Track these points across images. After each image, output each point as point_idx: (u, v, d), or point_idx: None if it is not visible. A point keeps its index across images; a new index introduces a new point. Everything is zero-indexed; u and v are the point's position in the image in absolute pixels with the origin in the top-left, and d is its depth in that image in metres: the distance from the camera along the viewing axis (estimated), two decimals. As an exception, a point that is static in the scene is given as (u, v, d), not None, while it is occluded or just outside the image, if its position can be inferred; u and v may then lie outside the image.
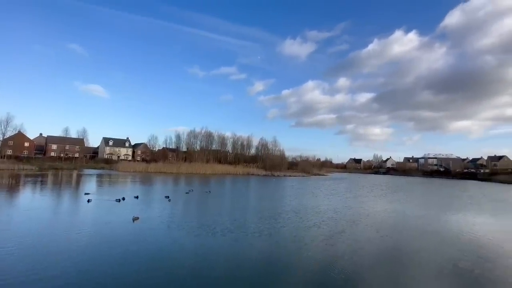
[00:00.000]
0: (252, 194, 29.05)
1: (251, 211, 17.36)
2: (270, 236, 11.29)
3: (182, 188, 30.43)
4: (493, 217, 19.17)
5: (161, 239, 10.24)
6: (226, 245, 9.90)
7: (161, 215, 14.34)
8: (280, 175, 66.90)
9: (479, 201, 29.15)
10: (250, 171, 68.68)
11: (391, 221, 15.55)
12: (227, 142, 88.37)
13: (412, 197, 31.02)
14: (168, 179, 41.07)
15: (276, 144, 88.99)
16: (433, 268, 8.30)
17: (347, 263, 8.46)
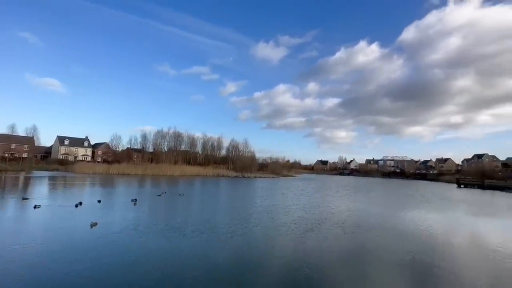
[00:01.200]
0: (224, 196, 28.73)
1: (223, 212, 17.15)
2: (242, 236, 11.27)
3: (150, 191, 28.95)
4: (441, 213, 21.44)
5: (125, 243, 9.58)
6: (197, 246, 9.65)
7: (126, 219, 13.42)
8: (250, 176, 67.20)
9: (429, 199, 32.41)
10: (221, 172, 67.89)
11: (355, 219, 16.50)
12: (197, 142, 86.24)
13: (373, 197, 33.37)
14: (133, 181, 38.74)
15: (247, 145, 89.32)
16: (393, 261, 9.05)
17: (317, 260, 8.80)
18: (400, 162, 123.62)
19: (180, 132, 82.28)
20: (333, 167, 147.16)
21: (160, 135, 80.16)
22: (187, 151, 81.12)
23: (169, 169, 58.71)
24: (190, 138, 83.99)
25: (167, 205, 19.26)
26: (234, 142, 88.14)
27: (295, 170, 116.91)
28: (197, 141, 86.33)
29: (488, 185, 53.51)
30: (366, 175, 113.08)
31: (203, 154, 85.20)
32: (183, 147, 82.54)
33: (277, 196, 28.13)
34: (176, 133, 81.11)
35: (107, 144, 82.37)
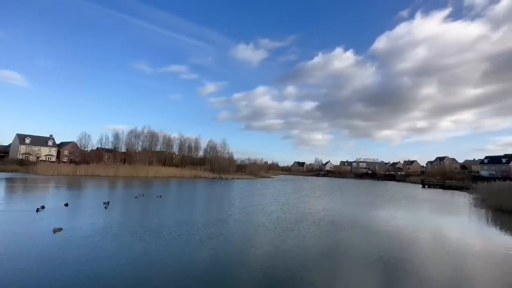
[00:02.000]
0: (203, 197, 28.17)
1: (202, 214, 16.81)
2: (221, 237, 11.13)
3: (123, 193, 27.54)
4: (408, 211, 22.95)
5: (94, 249, 8.96)
6: (175, 248, 9.35)
7: (96, 224, 12.60)
8: (228, 177, 66.68)
9: (397, 198, 34.52)
10: (198, 173, 66.58)
11: (331, 218, 17.05)
12: (173, 143, 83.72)
13: (347, 197, 34.77)
14: (104, 183, 36.61)
15: (225, 146, 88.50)
16: (366, 257, 9.50)
17: (295, 258, 8.95)
18: (371, 164, 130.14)
19: (155, 132, 79.43)
20: (310, 169, 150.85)
21: (134, 134, 76.66)
22: (162, 151, 78.46)
23: (143, 170, 56.32)
24: (166, 138, 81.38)
25: (144, 207, 18.44)
26: (212, 143, 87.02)
27: (273, 171, 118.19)
28: (174, 141, 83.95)
29: (448, 185, 58.22)
30: (341, 176, 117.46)
31: (180, 155, 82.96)
32: (159, 148, 79.76)
33: (255, 197, 28.20)
34: (151, 132, 78.16)
35: (75, 143, 77.05)
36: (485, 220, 19.86)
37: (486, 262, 9.61)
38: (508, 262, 9.79)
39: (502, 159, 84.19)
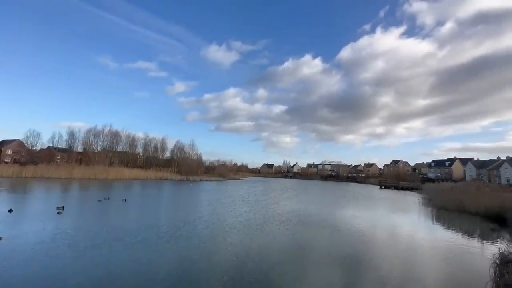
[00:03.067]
0: (170, 200, 27.06)
1: (170, 217, 16.19)
2: (189, 239, 10.89)
3: (79, 196, 25.25)
4: (367, 210, 24.71)
5: (43, 259, 8.14)
6: (140, 254, 8.90)
7: (45, 231, 11.42)
8: (196, 179, 65.06)
9: (358, 198, 36.98)
10: (164, 175, 63.84)
11: (299, 218, 17.65)
12: (137, 143, 79.26)
13: (313, 197, 36.22)
14: (55, 186, 33.17)
15: (193, 148, 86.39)
16: (331, 254, 10.11)
17: (263, 258, 9.15)
18: (336, 167, 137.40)
19: (117, 131, 74.45)
20: (278, 171, 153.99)
21: (92, 133, 70.88)
22: (125, 152, 73.79)
23: (102, 172, 52.25)
24: (129, 138, 76.75)
25: (106, 212, 17.17)
26: (179, 143, 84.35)
27: (242, 173, 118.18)
28: (138, 141, 79.53)
29: (401, 186, 63.88)
30: (307, 178, 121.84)
31: (145, 156, 78.81)
32: (121, 148, 74.89)
33: (224, 199, 27.96)
34: (112, 131, 73.09)
35: (20, 141, 68.69)
36: (431, 217, 22.24)
37: (431, 253, 10.90)
38: (448, 253, 11.14)
39: (446, 162, 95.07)
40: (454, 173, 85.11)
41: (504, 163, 66.20)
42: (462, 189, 31.09)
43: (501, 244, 12.47)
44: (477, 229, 17.20)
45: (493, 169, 69.71)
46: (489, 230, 16.45)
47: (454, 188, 33.09)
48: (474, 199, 23.76)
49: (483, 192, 26.23)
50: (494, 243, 13.04)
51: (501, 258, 8.15)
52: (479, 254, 11.12)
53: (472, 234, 15.54)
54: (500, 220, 18.53)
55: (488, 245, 12.84)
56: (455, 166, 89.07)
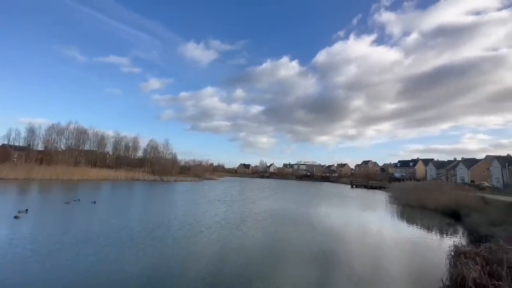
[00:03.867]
0: (143, 201, 25.88)
1: (143, 218, 15.47)
2: (164, 240, 10.53)
3: (40, 199, 23.19)
4: (339, 208, 25.78)
5: None
6: (112, 257, 8.39)
7: (2, 236, 10.35)
8: (170, 180, 63.07)
9: (331, 197, 38.41)
10: (135, 175, 60.96)
11: (275, 218, 17.88)
12: (107, 142, 74.85)
13: (289, 196, 36.91)
14: (12, 188, 30.18)
15: (168, 147, 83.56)
16: (306, 250, 10.39)
17: (240, 256, 9.15)
18: (310, 167, 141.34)
19: (84, 128, 69.61)
20: (255, 171, 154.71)
21: (55, 130, 65.44)
22: (93, 151, 69.35)
23: (66, 172, 48.57)
24: (97, 136, 72.20)
25: (73, 215, 15.99)
26: (153, 142, 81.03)
27: (219, 173, 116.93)
28: (107, 140, 75.11)
29: (371, 186, 67.47)
30: (283, 178, 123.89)
31: (115, 155, 74.73)
32: (88, 147, 70.23)
33: (200, 199, 27.44)
34: (79, 129, 68.17)
35: (-31, 138, 61.59)
36: (396, 214, 23.77)
37: (396, 247, 11.71)
38: (411, 247, 12.03)
39: (410, 163, 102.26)
40: (417, 172, 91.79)
41: (459, 164, 72.83)
42: (423, 187, 33.61)
43: (455, 238, 13.71)
44: (435, 224, 18.70)
45: (450, 169, 76.37)
46: (446, 225, 17.99)
47: (416, 187, 35.67)
48: (433, 197, 25.81)
49: (441, 191, 28.59)
50: (450, 237, 14.28)
51: (455, 250, 8.95)
52: (438, 247, 12.09)
53: (432, 229, 16.88)
54: (455, 215, 20.34)
55: (445, 239, 14.03)
56: (418, 166, 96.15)
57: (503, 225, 12.99)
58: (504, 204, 20.54)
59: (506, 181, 53.19)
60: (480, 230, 13.03)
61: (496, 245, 8.51)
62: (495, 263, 7.09)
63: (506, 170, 54.13)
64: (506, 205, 19.89)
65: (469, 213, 18.53)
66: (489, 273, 6.64)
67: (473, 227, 14.51)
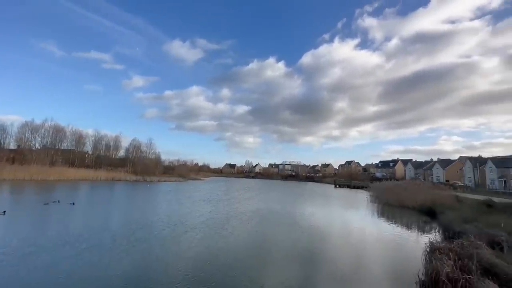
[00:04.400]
0: (126, 202, 25.02)
1: (127, 220, 14.99)
2: (148, 241, 10.26)
3: (15, 200, 21.84)
4: (323, 207, 26.31)
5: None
6: (96, 260, 8.05)
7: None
8: (154, 180, 61.55)
9: (315, 197, 39.13)
10: (117, 176, 58.93)
11: (260, 218, 17.92)
12: (86, 140, 71.84)
13: (274, 196, 37.16)
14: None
15: (151, 146, 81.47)
16: (291, 249, 10.51)
17: (225, 256, 9.10)
18: (295, 167, 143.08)
19: (61, 126, 66.38)
20: (240, 171, 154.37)
21: (29, 128, 61.87)
22: (71, 150, 66.31)
23: (41, 172, 46.09)
24: (76, 135, 69.10)
25: (52, 216, 15.22)
26: (136, 142, 78.71)
27: (204, 173, 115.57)
28: (87, 138, 72.10)
29: (353, 185, 69.38)
30: (269, 178, 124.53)
31: (94, 154, 71.87)
32: (65, 145, 67.07)
33: (184, 200, 26.99)
34: (55, 127, 64.86)
35: None
36: (377, 212, 24.59)
37: (377, 244, 12.14)
38: (390, 244, 12.53)
39: (390, 163, 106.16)
40: (397, 172, 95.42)
41: (436, 164, 76.54)
42: (402, 187, 34.99)
43: (431, 235, 14.40)
44: (413, 222, 19.53)
45: (427, 169, 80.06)
46: (423, 223, 18.83)
47: (396, 186, 37.07)
48: (412, 196, 26.95)
49: (419, 190, 29.90)
50: (426, 234, 14.97)
51: (431, 246, 9.39)
52: (415, 244, 12.64)
53: (410, 227, 17.62)
54: (431, 213, 21.35)
55: (422, 236, 14.69)
56: (398, 166, 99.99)
57: (474, 222, 13.79)
58: (475, 202, 21.81)
59: (477, 180, 56.57)
60: (454, 227, 13.76)
61: (467, 241, 9.01)
62: (466, 258, 7.51)
63: (477, 170, 57.55)
64: (477, 203, 21.14)
65: (444, 211, 19.51)
66: (460, 268, 7.02)
67: (447, 224, 15.29)
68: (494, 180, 53.55)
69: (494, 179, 53.71)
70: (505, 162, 53.35)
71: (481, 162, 58.92)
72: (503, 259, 7.75)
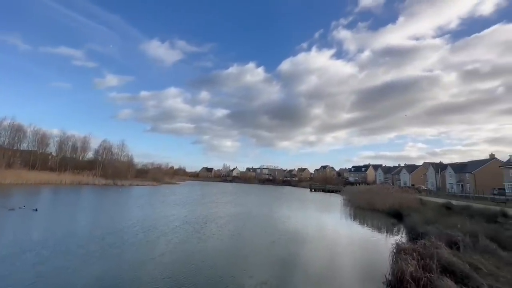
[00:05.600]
0: (95, 207, 23.31)
1: (95, 226, 13.97)
2: (119, 249, 9.62)
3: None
4: (299, 210, 26.79)
5: None
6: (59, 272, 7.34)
7: None
8: (125, 184, 58.57)
9: (292, 200, 39.70)
10: (84, 179, 55.20)
11: (237, 221, 17.76)
12: (49, 141, 66.62)
13: (251, 200, 37.13)
14: None
15: (124, 148, 77.62)
16: (266, 252, 10.52)
17: (201, 260, 8.82)
18: (273, 171, 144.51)
19: (21, 125, 60.99)
20: (218, 174, 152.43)
21: (-17, 126, 56.16)
22: (32, 151, 61.09)
23: (-4, 175, 41.81)
24: (38, 135, 63.87)
25: (12, 224, 13.69)
26: (106, 143, 74.33)
27: (179, 177, 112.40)
28: (51, 139, 66.95)
29: (328, 189, 71.59)
30: (246, 182, 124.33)
31: (59, 156, 66.83)
32: (26, 146, 61.74)
33: (157, 205, 25.96)
34: (14, 126, 59.42)
35: None
36: (349, 215, 25.57)
37: (348, 246, 12.60)
38: (361, 245, 13.06)
39: (362, 168, 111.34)
40: (368, 177, 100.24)
41: (403, 169, 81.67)
42: (373, 191, 36.78)
43: (398, 236, 15.26)
44: (382, 224, 20.57)
45: (395, 174, 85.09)
46: (391, 225, 19.90)
47: (367, 190, 38.86)
48: (381, 199, 28.40)
49: (387, 194, 31.62)
50: (394, 236, 15.83)
51: (397, 247, 9.93)
52: (384, 245, 13.28)
53: (379, 229, 18.53)
54: (398, 216, 22.65)
55: (390, 237, 15.50)
56: (369, 171, 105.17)
57: (435, 223, 14.86)
58: (436, 205, 23.56)
59: (438, 185, 61.20)
60: (418, 229, 14.72)
61: (429, 241, 9.67)
62: (428, 257, 8.04)
63: (438, 175, 62.30)
64: (438, 206, 22.85)
65: (409, 213, 20.80)
66: (423, 267, 7.50)
67: (412, 226, 16.31)
68: (453, 185, 58.30)
69: (453, 183, 58.48)
70: (462, 168, 58.40)
71: (442, 168, 63.94)
72: (459, 257, 8.41)
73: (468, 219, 15.24)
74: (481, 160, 55.69)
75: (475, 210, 18.37)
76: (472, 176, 52.15)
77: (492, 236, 11.01)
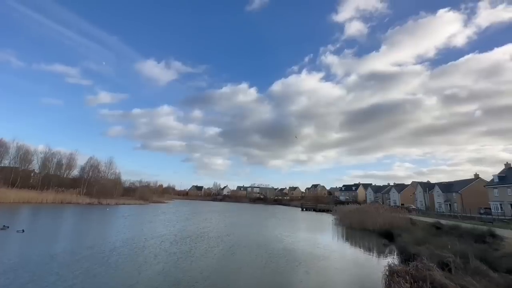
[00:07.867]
0: (80, 228, 22.07)
1: (78, 248, 13.12)
2: (102, 267, 9.00)
3: None
4: (291, 230, 26.23)
5: None
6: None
7: None
8: (111, 203, 56.32)
9: (283, 220, 39.02)
10: (67, 198, 52.67)
11: (227, 243, 17.19)
12: (33, 157, 64.18)
13: (242, 220, 36.27)
14: None
15: (111, 166, 75.49)
16: (257, 273, 10.10)
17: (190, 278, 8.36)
18: (264, 190, 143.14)
19: (3, 141, 58.88)
20: (208, 193, 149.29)
21: (-38, 141, 53.82)
22: (13, 168, 58.51)
23: (-28, 194, 39.46)
24: (20, 151, 61.56)
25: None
26: (93, 160, 72.16)
27: (168, 195, 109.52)
28: (34, 155, 64.58)
29: (319, 209, 71.08)
30: (236, 200, 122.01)
31: (42, 173, 64.19)
32: (7, 163, 59.17)
33: (144, 224, 24.93)
34: (-4, 141, 57.30)
35: None
36: (341, 235, 25.26)
37: (340, 267, 12.28)
38: (353, 267, 12.82)
39: (353, 187, 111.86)
40: (358, 196, 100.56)
41: (392, 189, 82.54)
42: (364, 210, 36.77)
43: (389, 258, 15.10)
44: (374, 244, 20.37)
45: (385, 193, 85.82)
46: (382, 246, 19.73)
47: (358, 209, 38.82)
48: (372, 219, 28.35)
49: (378, 213, 31.66)
50: (385, 257, 15.65)
51: (389, 269, 9.81)
52: (376, 266, 13.08)
53: (371, 250, 18.31)
54: (389, 236, 22.54)
55: (381, 258, 15.31)
56: (359, 190, 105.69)
57: (426, 243, 14.86)
58: (426, 224, 23.69)
59: (427, 204, 61.94)
60: (409, 249, 14.64)
61: (421, 263, 9.62)
62: (421, 280, 7.97)
63: (427, 195, 63.25)
64: (428, 225, 22.98)
65: (400, 233, 20.77)
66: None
67: (403, 247, 16.23)
68: (441, 204, 59.16)
69: (441, 202, 59.36)
70: (449, 187, 59.64)
71: (430, 187, 65.08)
72: (451, 280, 8.36)
73: (458, 239, 15.34)
74: (466, 180, 57.16)
75: (463, 230, 18.56)
76: (458, 196, 53.22)
77: (481, 257, 11.07)
